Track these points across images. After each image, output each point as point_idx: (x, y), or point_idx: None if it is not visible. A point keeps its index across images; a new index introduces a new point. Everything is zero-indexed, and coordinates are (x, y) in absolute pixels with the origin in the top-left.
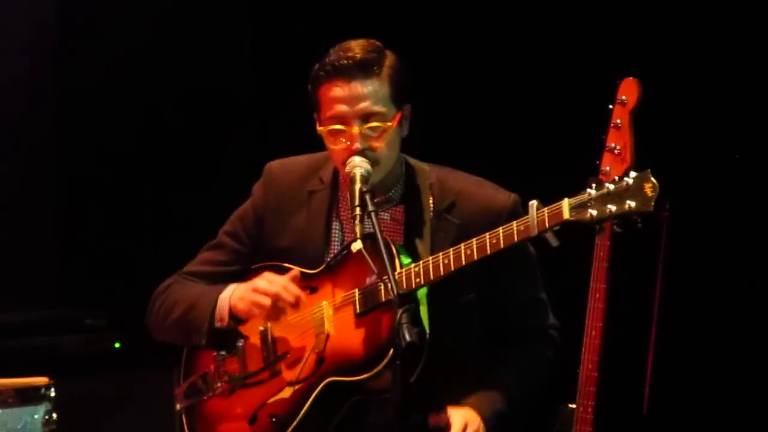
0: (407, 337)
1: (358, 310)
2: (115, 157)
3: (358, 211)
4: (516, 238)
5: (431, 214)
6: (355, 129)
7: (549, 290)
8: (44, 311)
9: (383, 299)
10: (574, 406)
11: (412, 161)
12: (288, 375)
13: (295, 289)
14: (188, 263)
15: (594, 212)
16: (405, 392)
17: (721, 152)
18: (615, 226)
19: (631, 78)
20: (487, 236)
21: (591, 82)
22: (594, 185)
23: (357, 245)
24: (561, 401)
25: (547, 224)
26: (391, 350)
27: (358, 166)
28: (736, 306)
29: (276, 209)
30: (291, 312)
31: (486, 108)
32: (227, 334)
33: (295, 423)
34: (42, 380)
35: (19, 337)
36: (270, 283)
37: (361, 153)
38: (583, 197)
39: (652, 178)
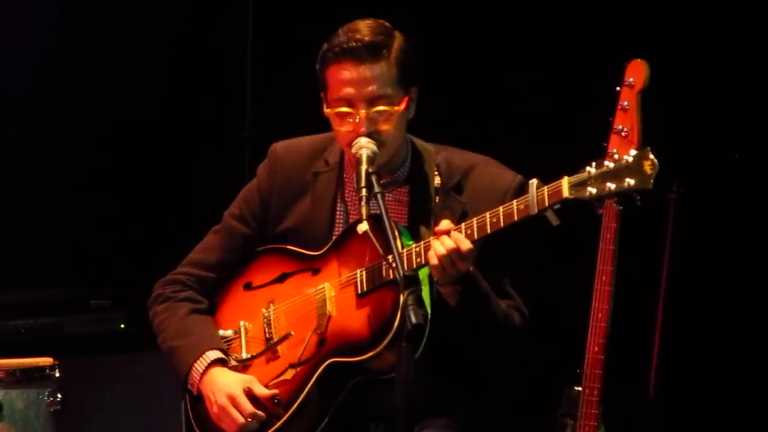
0: (413, 318)
1: (360, 291)
2: (117, 138)
3: (364, 192)
4: (516, 217)
5: (437, 193)
6: (362, 112)
7: (556, 272)
8: (49, 292)
9: (385, 279)
10: (580, 388)
11: (419, 142)
12: (290, 356)
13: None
14: (195, 247)
15: (593, 190)
16: (410, 373)
17: (729, 135)
18: (615, 204)
19: (638, 60)
20: (488, 215)
21: (598, 64)
22: (594, 164)
23: (363, 226)
24: (567, 383)
25: (546, 203)
26: (393, 330)
27: (365, 147)
28: (744, 289)
29: (281, 191)
30: (293, 293)
31: (493, 90)
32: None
33: (296, 404)
34: (47, 361)
35: (24, 317)
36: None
37: (367, 135)
38: (583, 175)
39: (652, 156)
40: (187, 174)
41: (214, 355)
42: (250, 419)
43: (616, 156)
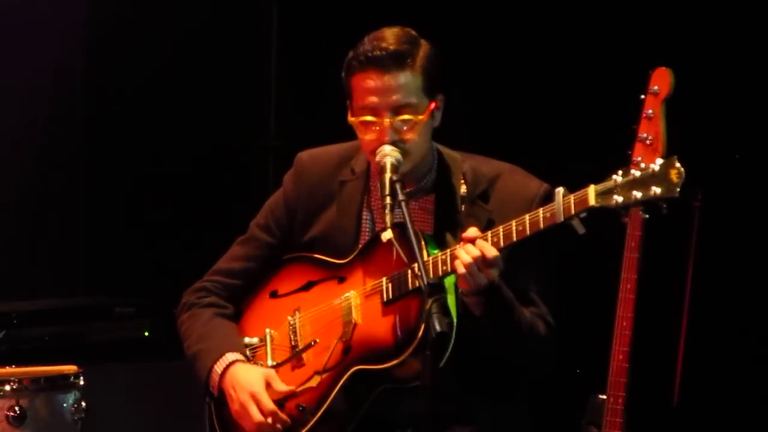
0: (437, 327)
1: (385, 299)
2: (143, 147)
3: (388, 200)
4: (542, 225)
5: (463, 201)
6: (386, 121)
7: (580, 279)
8: (74, 299)
9: (411, 287)
10: (604, 396)
11: (445, 150)
12: (315, 364)
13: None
14: (221, 257)
15: (620, 198)
16: (434, 381)
17: (754, 142)
18: (642, 212)
19: (663, 68)
20: (514, 223)
21: (623, 72)
22: (620, 172)
23: (387, 234)
24: (591, 392)
25: (573, 210)
26: (417, 338)
27: (389, 155)
28: None
29: (307, 200)
30: (319, 301)
31: (517, 98)
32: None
33: (321, 411)
34: (71, 368)
35: (49, 325)
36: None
37: (391, 144)
38: (609, 183)
39: (678, 164)
40: (212, 181)
41: (233, 356)
42: (269, 418)
43: (642, 164)
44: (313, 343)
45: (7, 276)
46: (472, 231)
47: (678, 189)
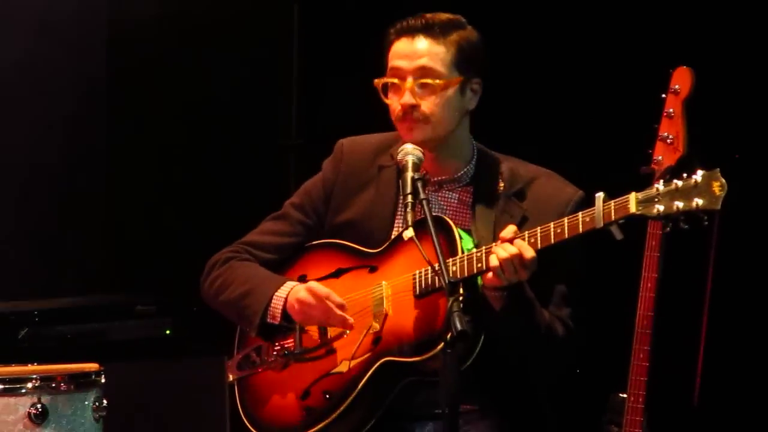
0: (458, 325)
1: (416, 292)
2: (165, 145)
3: (410, 198)
4: (581, 230)
5: (500, 196)
6: (408, 83)
7: (601, 278)
8: (95, 297)
9: (438, 284)
10: (625, 395)
11: (485, 148)
12: (344, 352)
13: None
14: (249, 233)
15: (661, 207)
16: (456, 380)
17: None
18: (682, 224)
19: (684, 67)
20: (552, 225)
21: (644, 71)
22: (662, 181)
23: (408, 233)
24: (612, 391)
25: (613, 217)
26: (446, 335)
27: (410, 153)
28: None
29: (345, 182)
30: (350, 289)
31: (539, 98)
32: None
33: (348, 400)
34: (92, 366)
35: (70, 323)
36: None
37: (411, 110)
38: (651, 192)
39: (721, 178)
40: (234, 180)
41: (292, 283)
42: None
43: (684, 175)
44: (344, 331)
45: (30, 274)
46: (511, 229)
47: (720, 202)
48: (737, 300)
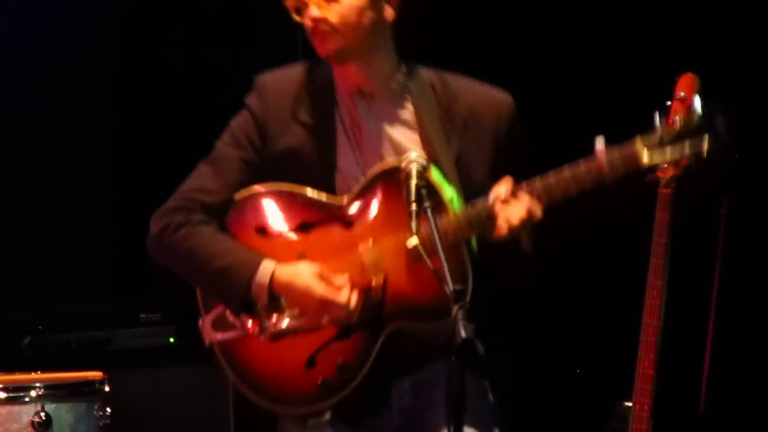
0: (463, 333)
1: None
2: (169, 151)
3: (414, 207)
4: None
5: (438, 109)
6: None
7: (606, 285)
8: (99, 305)
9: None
10: (630, 403)
11: (410, 61)
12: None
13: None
14: (187, 179)
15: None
16: (459, 387)
17: None
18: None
19: (689, 74)
20: (552, 178)
21: (649, 78)
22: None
23: (413, 241)
24: (617, 399)
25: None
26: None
27: (414, 161)
28: None
29: (276, 112)
30: (330, 247)
31: (542, 104)
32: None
33: (367, 368)
34: (96, 374)
35: (74, 331)
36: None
37: (320, 23)
38: (653, 138)
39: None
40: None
41: (270, 263)
42: (343, 291)
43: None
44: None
45: (33, 282)
46: (507, 185)
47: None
48: (744, 306)
